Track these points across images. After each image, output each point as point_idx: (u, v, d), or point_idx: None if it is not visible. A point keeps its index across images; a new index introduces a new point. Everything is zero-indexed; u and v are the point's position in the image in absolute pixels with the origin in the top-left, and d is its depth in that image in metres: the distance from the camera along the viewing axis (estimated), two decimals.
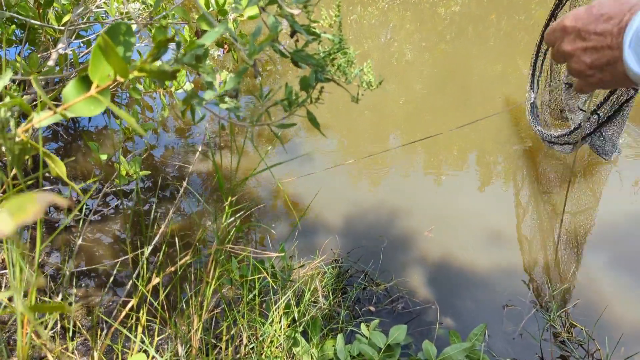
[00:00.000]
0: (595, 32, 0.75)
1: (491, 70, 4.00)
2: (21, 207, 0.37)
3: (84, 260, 2.10)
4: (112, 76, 0.77)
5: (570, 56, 0.81)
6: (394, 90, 3.72)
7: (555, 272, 2.15)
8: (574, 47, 0.80)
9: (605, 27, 0.74)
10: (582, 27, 0.78)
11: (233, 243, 1.25)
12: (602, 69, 0.76)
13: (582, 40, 0.78)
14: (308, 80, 0.96)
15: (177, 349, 1.42)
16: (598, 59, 0.75)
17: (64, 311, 0.50)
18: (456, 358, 1.65)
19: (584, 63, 0.78)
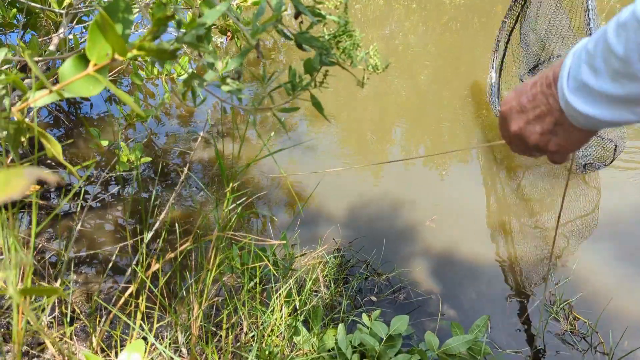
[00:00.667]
0: (528, 100, 0.72)
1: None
2: (8, 182, 0.35)
3: (84, 247, 2.08)
4: (110, 54, 0.74)
5: (521, 136, 0.76)
6: (398, 80, 3.69)
7: (558, 265, 2.13)
8: (518, 125, 0.75)
9: (535, 90, 0.70)
10: (516, 104, 0.74)
11: (234, 230, 1.23)
12: (554, 131, 0.71)
13: (521, 114, 0.74)
14: (312, 62, 0.93)
15: (177, 336, 1.41)
16: (545, 123, 0.71)
17: (58, 295, 0.48)
18: (458, 350, 1.64)
19: (535, 134, 0.73)
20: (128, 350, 1.00)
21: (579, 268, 2.11)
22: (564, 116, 0.67)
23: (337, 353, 1.67)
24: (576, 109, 0.62)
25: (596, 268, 2.12)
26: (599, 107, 0.60)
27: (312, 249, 2.14)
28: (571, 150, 0.74)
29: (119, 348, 1.18)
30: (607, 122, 0.62)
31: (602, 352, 1.81)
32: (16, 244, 0.77)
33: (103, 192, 2.50)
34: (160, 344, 1.21)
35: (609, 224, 2.35)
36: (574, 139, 0.70)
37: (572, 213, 2.43)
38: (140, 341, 1.03)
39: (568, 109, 0.64)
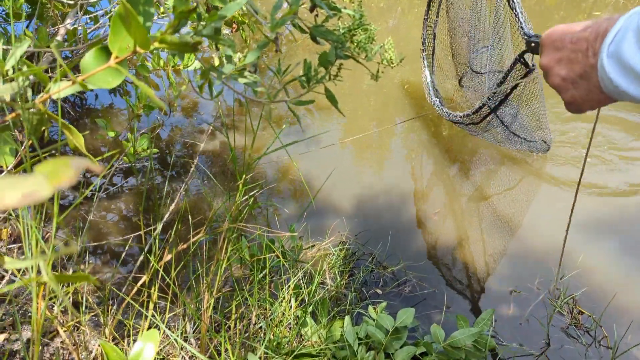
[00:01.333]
0: (570, 41, 0.69)
1: None
2: (56, 172, 0.36)
3: (93, 238, 2.10)
4: (131, 47, 0.75)
5: (547, 70, 0.75)
6: (401, 74, 3.68)
7: (562, 258, 2.14)
8: (548, 60, 0.74)
9: (581, 35, 0.67)
10: (558, 37, 0.73)
11: (243, 222, 1.24)
12: (576, 82, 0.69)
13: (556, 51, 0.72)
14: (327, 56, 0.94)
15: (186, 327, 1.42)
16: (572, 69, 0.69)
17: (89, 281, 0.49)
18: (464, 342, 1.65)
19: (558, 77, 0.72)
20: (143, 340, 1.01)
21: (584, 262, 2.12)
22: (594, 73, 0.65)
23: (344, 345, 1.69)
24: (608, 74, 0.61)
25: (601, 262, 2.13)
26: (631, 83, 0.59)
27: (318, 241, 2.15)
28: (584, 109, 0.72)
29: (131, 337, 1.19)
30: (633, 98, 0.61)
31: (606, 346, 1.82)
32: (37, 234, 0.78)
33: (110, 185, 2.51)
34: (171, 333, 1.22)
35: (613, 218, 2.36)
36: (592, 99, 0.68)
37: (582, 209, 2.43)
38: (154, 331, 1.04)
39: (601, 70, 0.62)
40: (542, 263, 2.14)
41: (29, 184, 0.33)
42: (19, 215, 1.12)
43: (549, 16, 4.77)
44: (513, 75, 2.04)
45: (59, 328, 1.09)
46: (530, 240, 2.26)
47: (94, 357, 1.25)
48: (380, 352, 1.69)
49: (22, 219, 0.81)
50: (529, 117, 2.42)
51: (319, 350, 1.48)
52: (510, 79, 2.06)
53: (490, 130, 2.54)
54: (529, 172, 2.67)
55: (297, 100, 0.98)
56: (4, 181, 0.31)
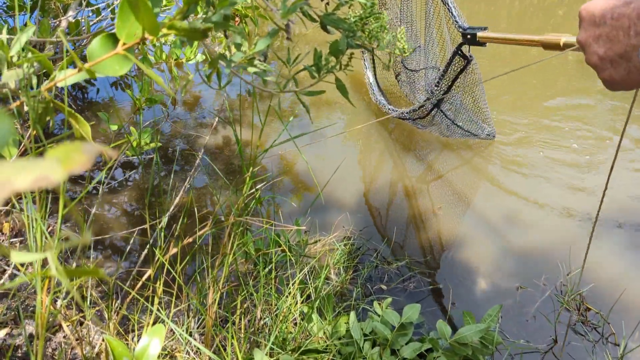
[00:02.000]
0: (611, 17, 0.64)
1: (501, 50, 3.92)
2: (68, 156, 0.34)
3: (95, 232, 2.08)
4: (139, 34, 0.73)
5: (583, 47, 0.70)
6: None
7: (569, 254, 2.12)
8: (586, 36, 0.69)
9: (623, 11, 0.63)
10: (598, 11, 0.67)
11: (247, 216, 1.22)
12: (615, 62, 0.65)
13: (595, 27, 0.67)
14: (338, 44, 0.91)
15: (190, 322, 1.41)
16: (611, 48, 0.64)
17: (97, 276, 0.47)
18: (471, 339, 1.63)
19: (595, 56, 0.67)
20: (149, 335, 1.00)
21: (591, 258, 2.09)
22: (635, 54, 0.62)
23: (349, 341, 1.67)
24: None
25: (608, 258, 2.11)
26: None
27: (323, 237, 2.13)
28: (622, 88, 0.68)
29: (135, 332, 1.18)
30: None
31: (613, 343, 1.81)
32: (42, 227, 0.76)
33: (111, 180, 2.49)
34: (177, 329, 1.21)
35: (620, 213, 2.34)
36: (631, 80, 0.65)
37: (589, 204, 2.41)
38: (160, 326, 1.02)
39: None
40: (549, 259, 2.12)
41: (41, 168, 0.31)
42: (22, 209, 1.11)
43: (552, 12, 4.74)
44: (453, 67, 2.06)
45: (63, 323, 1.07)
46: (537, 236, 2.24)
47: (97, 353, 1.23)
48: (387, 349, 1.67)
49: (26, 212, 0.79)
50: (471, 107, 2.44)
51: (325, 346, 1.46)
52: (450, 71, 2.07)
53: (436, 123, 2.56)
54: (535, 168, 2.65)
55: (307, 90, 0.96)
56: (15, 164, 0.29)
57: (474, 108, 2.44)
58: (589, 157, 2.70)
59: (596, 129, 2.92)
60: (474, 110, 2.45)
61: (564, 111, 3.10)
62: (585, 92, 3.30)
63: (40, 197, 0.84)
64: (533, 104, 3.18)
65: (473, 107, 2.43)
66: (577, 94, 3.28)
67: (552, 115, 3.06)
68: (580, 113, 3.08)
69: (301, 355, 1.31)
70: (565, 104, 3.17)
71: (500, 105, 3.12)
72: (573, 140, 2.84)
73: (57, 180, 0.31)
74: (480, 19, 4.59)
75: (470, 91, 2.29)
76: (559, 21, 4.55)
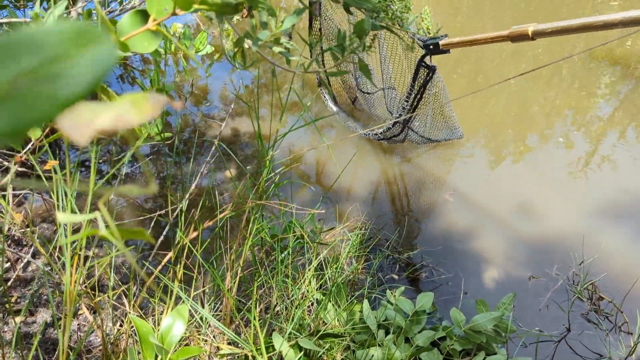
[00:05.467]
0: None
1: (506, 47, 3.91)
2: (137, 105, 0.34)
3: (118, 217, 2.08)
4: (170, 9, 0.73)
5: None
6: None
7: (582, 244, 2.12)
8: None
9: None
10: None
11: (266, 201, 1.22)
12: None
13: None
14: (363, 24, 0.91)
15: (207, 308, 1.41)
16: None
17: (144, 238, 0.47)
18: (485, 326, 1.63)
19: None
20: (172, 316, 1.00)
21: (604, 247, 2.09)
22: None
23: (363, 328, 1.68)
24: None
25: (621, 247, 2.11)
26: None
27: (335, 226, 2.14)
28: None
29: (157, 316, 1.18)
30: None
31: (626, 332, 1.81)
32: (72, 202, 0.76)
33: (131, 163, 2.49)
34: (195, 313, 1.21)
35: (632, 203, 2.33)
36: None
37: (599, 196, 2.41)
38: (184, 306, 1.02)
39: None
40: (561, 248, 2.12)
41: (119, 110, 0.31)
42: (51, 190, 1.11)
43: (556, 10, 4.72)
44: (418, 80, 2.12)
45: (83, 305, 1.08)
46: (549, 226, 2.24)
47: (116, 336, 1.23)
48: (400, 336, 1.67)
49: (56, 190, 0.79)
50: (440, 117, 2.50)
51: (341, 332, 1.46)
52: (416, 84, 2.13)
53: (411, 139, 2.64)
54: (547, 157, 2.65)
55: (331, 71, 0.95)
56: (95, 106, 0.29)
57: (443, 118, 2.50)
58: (596, 148, 2.69)
59: (600, 122, 2.92)
60: (443, 119, 2.51)
61: (574, 103, 3.09)
62: (590, 87, 3.29)
63: (71, 178, 0.84)
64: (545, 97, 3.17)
65: (442, 117, 2.49)
66: (582, 92, 3.28)
67: (563, 108, 3.05)
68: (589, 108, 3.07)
69: (319, 340, 1.31)
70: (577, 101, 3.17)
71: (512, 95, 3.12)
72: (578, 132, 2.84)
73: (135, 123, 0.31)
74: (485, 12, 4.58)
75: (438, 102, 2.36)
76: (563, 16, 4.54)
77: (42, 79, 0.19)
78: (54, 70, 0.19)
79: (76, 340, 1.50)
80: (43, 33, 0.19)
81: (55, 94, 0.19)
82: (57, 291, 1.48)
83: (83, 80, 0.20)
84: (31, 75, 0.19)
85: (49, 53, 0.19)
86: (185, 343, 1.30)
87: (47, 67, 0.19)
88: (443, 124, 2.53)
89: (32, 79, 0.18)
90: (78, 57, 0.20)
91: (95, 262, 0.96)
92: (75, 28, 0.20)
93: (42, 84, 0.19)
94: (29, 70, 0.18)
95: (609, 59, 3.51)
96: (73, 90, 0.20)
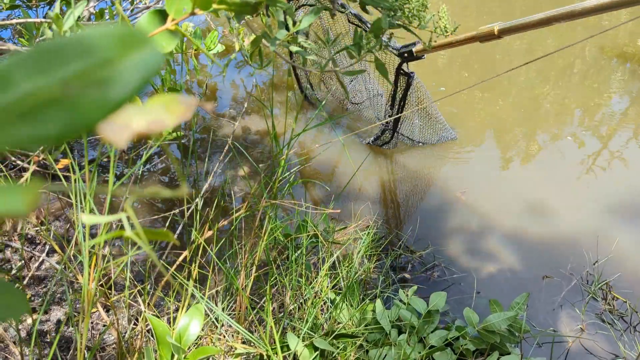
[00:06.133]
0: None
1: (516, 44, 3.88)
2: (169, 107, 0.34)
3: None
4: (189, 9, 0.73)
5: None
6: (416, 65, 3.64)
7: (596, 243, 2.10)
8: None
9: None
10: None
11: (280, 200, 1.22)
12: None
13: None
14: (380, 23, 0.91)
15: (221, 307, 1.41)
16: None
17: (169, 239, 0.47)
18: (499, 326, 1.63)
19: None
20: (188, 315, 1.00)
21: (618, 247, 2.08)
22: None
23: (375, 328, 1.67)
24: None
25: (635, 247, 2.09)
26: None
27: (346, 225, 2.13)
28: None
29: (171, 314, 1.18)
30: None
31: None
32: (91, 201, 0.76)
33: (132, 171, 2.50)
34: (210, 312, 1.21)
35: None
36: None
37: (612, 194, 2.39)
38: (199, 305, 1.03)
39: None
40: (574, 248, 2.10)
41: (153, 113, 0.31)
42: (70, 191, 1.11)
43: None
44: (400, 87, 2.19)
45: (98, 304, 1.08)
46: (562, 225, 2.23)
47: (131, 335, 1.24)
48: (414, 336, 1.67)
49: (74, 190, 0.79)
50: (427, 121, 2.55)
51: (354, 332, 1.46)
52: (398, 90, 2.21)
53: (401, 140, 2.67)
54: (561, 155, 2.63)
55: (347, 70, 0.95)
56: (131, 110, 0.30)
57: (430, 120, 2.53)
58: (607, 146, 2.67)
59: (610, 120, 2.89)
60: (430, 122, 2.53)
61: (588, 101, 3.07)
62: (605, 85, 3.26)
63: (90, 177, 0.85)
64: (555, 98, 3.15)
65: (428, 120, 2.53)
66: (596, 85, 3.25)
67: (574, 106, 3.03)
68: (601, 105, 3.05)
69: (333, 340, 1.31)
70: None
71: (524, 93, 3.10)
72: (590, 131, 2.81)
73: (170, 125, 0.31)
74: (494, 12, 4.55)
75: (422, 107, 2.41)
76: None
77: (92, 83, 0.19)
78: (103, 75, 0.19)
79: (89, 338, 1.51)
80: (91, 37, 0.19)
81: (104, 98, 0.19)
82: (71, 289, 1.49)
83: (130, 85, 0.20)
84: (81, 79, 0.18)
85: (98, 57, 0.19)
86: (199, 343, 1.30)
87: (96, 71, 0.19)
88: (432, 126, 2.58)
89: (81, 83, 0.18)
90: (125, 61, 0.19)
91: (111, 262, 0.97)
92: (121, 32, 0.20)
93: (91, 88, 0.19)
94: (78, 74, 0.18)
95: (619, 57, 3.48)
96: (121, 95, 0.20)
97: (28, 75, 0.18)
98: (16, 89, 0.17)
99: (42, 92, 0.18)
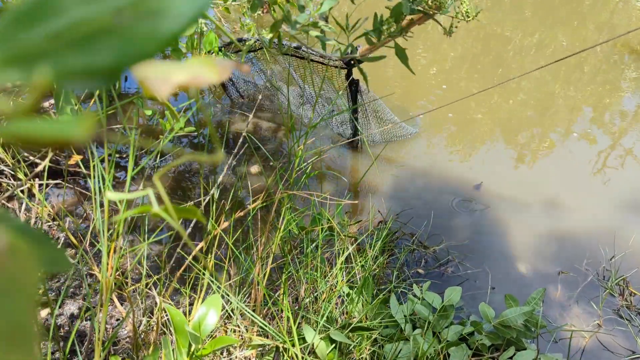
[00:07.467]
0: None
1: (527, 41, 3.85)
2: (208, 66, 0.33)
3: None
4: None
5: None
6: (427, 59, 3.62)
7: (610, 239, 2.07)
8: None
9: None
10: None
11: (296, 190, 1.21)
12: None
13: None
14: (400, 7, 0.89)
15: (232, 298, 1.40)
16: None
17: (197, 217, 0.45)
18: (515, 321, 1.61)
19: None
20: (206, 305, 0.99)
21: (634, 242, 2.05)
22: None
23: (389, 322, 1.66)
24: None
25: None
26: None
27: (360, 219, 2.12)
28: None
29: (187, 307, 1.18)
30: None
31: None
32: (109, 187, 0.76)
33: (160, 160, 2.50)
34: (226, 304, 1.20)
35: None
36: None
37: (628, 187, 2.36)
38: (217, 296, 1.02)
39: None
40: (590, 244, 2.08)
41: (193, 69, 0.30)
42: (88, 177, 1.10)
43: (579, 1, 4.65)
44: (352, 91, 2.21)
45: (114, 295, 1.07)
46: (577, 220, 2.20)
47: (146, 327, 1.23)
48: (429, 330, 1.65)
49: (93, 177, 0.79)
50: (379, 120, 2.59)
51: (370, 325, 1.45)
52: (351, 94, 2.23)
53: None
54: (576, 156, 2.60)
55: (367, 57, 0.94)
56: (172, 65, 0.29)
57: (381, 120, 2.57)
58: (625, 143, 2.64)
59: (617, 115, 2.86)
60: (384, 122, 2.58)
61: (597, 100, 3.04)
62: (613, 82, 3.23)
63: (108, 165, 0.84)
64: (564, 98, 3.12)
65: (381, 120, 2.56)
66: (606, 81, 3.22)
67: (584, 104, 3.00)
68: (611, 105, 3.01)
69: (349, 332, 1.30)
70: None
71: (538, 92, 3.07)
72: (607, 127, 2.78)
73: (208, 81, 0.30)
74: (504, 7, 4.52)
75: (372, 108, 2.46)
76: (586, 9, 4.46)
77: (144, 13, 0.18)
78: (155, 6, 0.18)
79: (104, 331, 1.50)
80: None
81: (155, 30, 0.18)
82: (85, 282, 1.49)
83: (182, 18, 0.19)
84: (132, 10, 0.17)
85: None
86: (213, 335, 1.29)
87: (148, 2, 0.18)
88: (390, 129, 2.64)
89: (134, 12, 0.17)
90: None
91: (127, 251, 0.97)
92: None
93: (142, 19, 0.18)
94: (131, 3, 0.17)
95: (633, 54, 3.45)
96: (172, 27, 0.19)
97: (79, 1, 0.17)
98: (67, 15, 0.16)
99: (94, 20, 0.17)
